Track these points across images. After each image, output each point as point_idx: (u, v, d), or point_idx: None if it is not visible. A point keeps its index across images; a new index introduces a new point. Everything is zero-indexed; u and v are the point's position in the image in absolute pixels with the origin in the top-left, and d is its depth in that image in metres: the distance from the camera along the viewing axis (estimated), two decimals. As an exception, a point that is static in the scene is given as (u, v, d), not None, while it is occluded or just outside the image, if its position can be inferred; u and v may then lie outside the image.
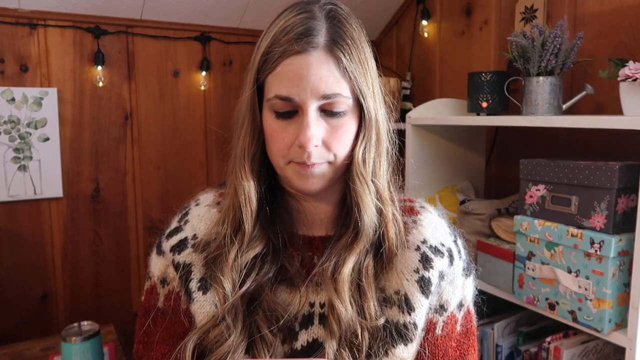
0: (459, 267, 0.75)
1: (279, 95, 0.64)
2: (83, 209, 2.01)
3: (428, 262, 0.71)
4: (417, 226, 0.74)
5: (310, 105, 0.63)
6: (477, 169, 1.84)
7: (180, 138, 2.18)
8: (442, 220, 0.78)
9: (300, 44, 0.63)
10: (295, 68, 0.63)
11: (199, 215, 0.75)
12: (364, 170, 0.68)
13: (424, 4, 2.12)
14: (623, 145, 1.38)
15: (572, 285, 1.16)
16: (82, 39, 1.95)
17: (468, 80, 1.58)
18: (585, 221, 1.16)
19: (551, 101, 1.33)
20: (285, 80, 0.64)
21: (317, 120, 0.64)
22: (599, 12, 1.48)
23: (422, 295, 0.69)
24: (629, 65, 1.13)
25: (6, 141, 1.83)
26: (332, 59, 0.64)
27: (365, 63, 0.67)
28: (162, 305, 0.73)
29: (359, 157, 0.68)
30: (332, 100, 0.64)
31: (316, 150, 0.65)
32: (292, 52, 0.63)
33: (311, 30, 0.64)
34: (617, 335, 1.11)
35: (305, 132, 0.63)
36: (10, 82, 1.83)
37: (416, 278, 0.70)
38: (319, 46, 0.64)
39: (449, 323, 0.73)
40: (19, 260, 1.91)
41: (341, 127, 0.66)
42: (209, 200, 0.77)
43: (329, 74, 0.63)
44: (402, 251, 0.71)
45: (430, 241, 0.73)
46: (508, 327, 1.45)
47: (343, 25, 0.66)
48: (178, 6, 1.98)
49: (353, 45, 0.65)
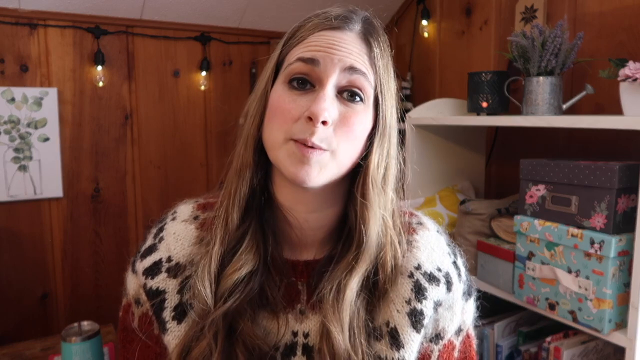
0: (459, 291, 0.69)
1: (303, 57, 0.60)
2: (83, 209, 2.01)
3: (421, 292, 0.65)
4: (412, 248, 0.68)
5: (332, 75, 0.60)
6: (477, 169, 1.84)
7: (180, 138, 2.18)
8: (440, 238, 0.73)
9: (338, 21, 0.62)
10: (327, 38, 0.61)
11: (174, 233, 0.69)
12: (382, 180, 0.64)
13: (424, 4, 2.12)
14: (623, 145, 1.38)
15: (572, 285, 1.16)
16: (82, 39, 1.95)
17: (468, 80, 1.58)
18: (586, 221, 1.16)
19: (551, 101, 1.33)
20: (314, 46, 0.61)
21: (332, 99, 0.60)
22: (599, 12, 1.48)
23: (413, 330, 0.64)
24: (629, 65, 1.13)
25: (6, 141, 1.83)
26: (365, 44, 0.63)
27: (390, 67, 0.66)
28: (137, 326, 0.69)
29: (375, 164, 0.63)
30: (357, 77, 0.60)
31: (323, 130, 0.59)
32: (326, 26, 0.62)
33: (349, 16, 0.64)
34: (617, 335, 1.11)
35: (319, 102, 0.58)
36: (10, 82, 1.83)
37: (407, 310, 0.64)
38: (354, 30, 0.63)
39: (445, 351, 0.68)
40: (19, 260, 1.91)
41: (355, 115, 0.61)
42: (187, 215, 0.71)
43: (358, 54, 0.61)
44: (395, 277, 0.66)
45: (425, 266, 0.67)
46: (508, 327, 1.45)
47: (377, 29, 0.66)
48: (178, 6, 1.99)
49: (384, 46, 0.65)
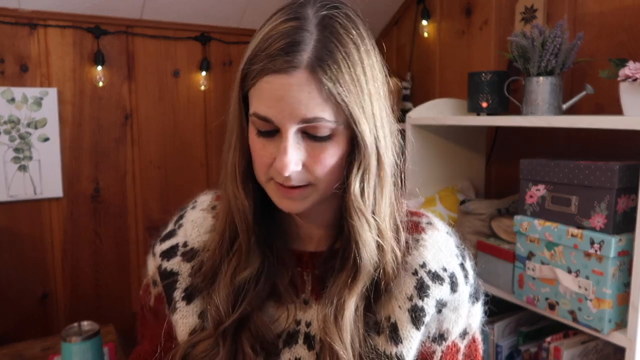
0: (465, 293, 0.68)
1: (258, 115, 0.59)
2: (83, 209, 2.01)
3: (424, 289, 0.65)
4: (419, 246, 0.68)
5: (289, 128, 0.58)
6: (477, 169, 1.84)
7: (180, 138, 2.18)
8: (449, 239, 0.71)
9: (280, 61, 0.56)
10: (273, 88, 0.57)
11: (192, 221, 0.73)
12: (362, 204, 0.61)
13: (424, 4, 2.12)
14: (623, 145, 1.38)
15: (572, 285, 1.16)
16: (82, 39, 1.95)
17: (468, 80, 1.58)
18: (585, 221, 1.16)
19: (551, 101, 1.33)
20: (264, 99, 0.58)
21: (296, 144, 0.59)
22: (599, 12, 1.48)
23: (413, 326, 0.64)
24: (629, 65, 1.13)
25: (6, 141, 1.83)
26: (315, 81, 0.56)
27: (360, 82, 0.58)
28: (152, 305, 0.74)
29: (355, 190, 0.61)
30: (313, 124, 0.57)
31: (296, 174, 0.59)
32: (270, 70, 0.57)
33: (294, 46, 0.56)
34: (617, 335, 1.11)
35: (281, 158, 0.58)
36: (10, 82, 1.83)
37: (409, 306, 0.64)
38: (300, 65, 0.56)
39: (449, 353, 0.68)
40: (19, 260, 1.91)
41: (324, 150, 0.59)
42: (206, 204, 0.75)
43: (309, 98, 0.56)
44: (399, 274, 0.66)
45: (430, 265, 0.66)
46: (508, 327, 1.45)
47: (336, 36, 0.58)
48: (178, 6, 1.98)
49: (344, 62, 0.57)
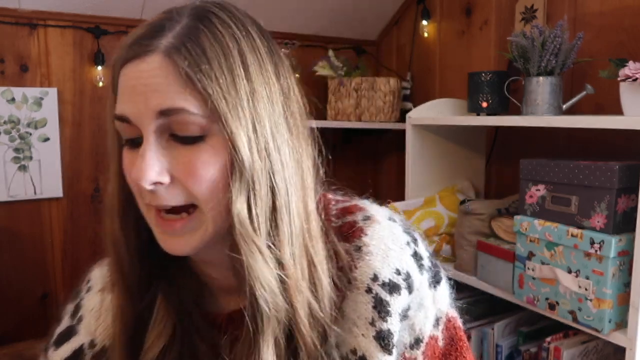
0: (424, 284, 0.60)
1: (116, 115, 0.50)
2: (83, 209, 2.01)
3: (384, 308, 0.56)
4: (363, 255, 0.57)
5: (147, 125, 0.47)
6: (477, 169, 1.84)
7: (180, 138, 2.18)
8: (394, 227, 0.60)
9: (135, 47, 0.48)
10: (127, 78, 0.49)
11: (92, 309, 0.59)
12: (250, 229, 0.48)
13: (424, 4, 2.12)
14: (623, 145, 1.38)
15: (572, 285, 1.16)
16: (82, 39, 1.95)
17: (468, 80, 1.58)
18: (585, 221, 1.16)
19: (551, 101, 1.33)
20: (121, 95, 0.49)
21: (161, 148, 0.48)
22: (599, 12, 1.48)
23: (384, 353, 0.56)
24: (629, 65, 1.13)
25: (6, 141, 1.83)
26: (171, 65, 0.47)
27: (234, 77, 0.48)
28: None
29: (241, 211, 0.48)
30: (174, 118, 0.47)
31: (164, 189, 0.48)
32: (126, 59, 0.49)
33: (154, 32, 0.49)
34: (617, 335, 1.11)
35: (138, 164, 0.47)
36: (10, 82, 1.83)
37: (373, 333, 0.55)
38: (157, 49, 0.47)
39: (429, 349, 0.62)
40: (19, 260, 1.91)
41: (197, 157, 0.47)
42: (102, 282, 0.61)
43: (165, 84, 0.47)
44: (351, 294, 0.56)
45: (383, 274, 0.56)
46: (508, 327, 1.45)
47: (208, 26, 0.49)
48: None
49: (213, 50, 0.47)
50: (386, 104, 1.98)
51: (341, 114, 2.04)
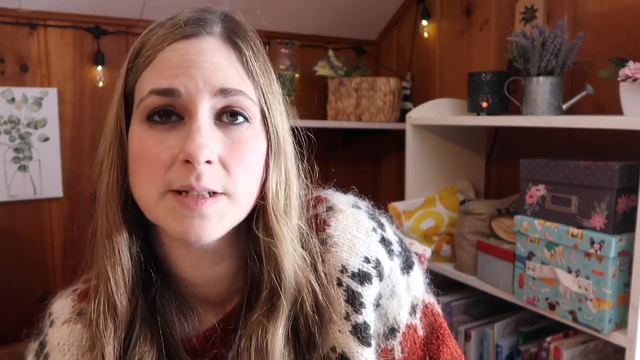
0: (395, 269, 0.59)
1: (157, 89, 0.47)
2: (83, 209, 2.01)
3: (357, 299, 0.55)
4: (330, 247, 0.56)
5: (201, 101, 0.47)
6: (477, 169, 1.84)
7: (180, 138, 2.18)
8: (359, 215, 0.59)
9: (192, 26, 0.49)
10: (182, 53, 0.47)
11: (58, 344, 0.54)
12: (281, 207, 0.52)
13: (424, 4, 2.12)
14: (623, 145, 1.38)
15: (572, 285, 1.16)
16: (82, 39, 1.95)
17: (468, 80, 1.58)
18: (586, 221, 1.16)
19: (551, 101, 1.33)
20: (167, 69, 0.47)
21: (211, 129, 0.47)
22: (599, 12, 1.48)
23: (363, 346, 0.55)
24: (629, 65, 1.13)
25: (6, 141, 1.83)
26: (233, 49, 0.49)
27: (269, 68, 0.53)
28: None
29: (274, 191, 0.51)
30: (234, 98, 0.48)
31: (210, 170, 0.46)
32: (178, 36, 0.48)
33: (204, 18, 0.50)
34: (617, 335, 1.11)
35: (194, 138, 0.45)
36: (10, 82, 1.83)
37: (349, 328, 0.54)
38: (214, 33, 0.49)
39: (409, 338, 0.60)
40: (19, 260, 1.91)
41: (245, 142, 0.49)
42: (67, 313, 0.57)
43: (227, 66, 0.48)
44: (322, 316, 0.55)
45: (351, 265, 0.55)
46: (508, 327, 1.45)
47: (240, 24, 0.53)
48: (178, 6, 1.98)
49: (255, 43, 0.52)
50: (386, 104, 1.98)
51: (341, 114, 2.04)
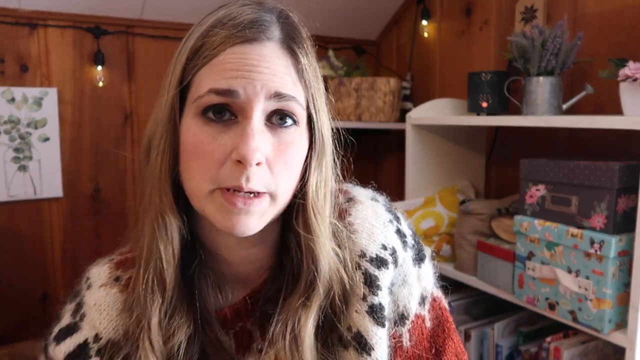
0: (408, 261, 0.63)
1: (216, 89, 0.50)
2: (83, 209, 2.01)
3: (374, 282, 0.58)
4: (351, 234, 0.60)
5: (257, 104, 0.50)
6: (477, 169, 1.84)
7: (180, 138, 2.18)
8: (377, 206, 0.64)
9: (253, 30, 0.51)
10: (244, 57, 0.50)
11: (95, 305, 0.58)
12: (322, 207, 0.55)
13: (424, 4, 2.12)
14: (623, 145, 1.38)
15: (572, 285, 1.16)
16: (82, 39, 1.95)
17: (468, 80, 1.58)
18: (586, 221, 1.16)
19: (551, 101, 1.33)
20: (228, 71, 0.50)
21: (262, 132, 0.51)
22: (599, 12, 1.48)
23: (378, 326, 0.58)
24: (629, 65, 1.13)
25: (6, 141, 1.83)
26: (290, 56, 0.52)
27: (318, 75, 0.56)
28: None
29: (314, 190, 0.55)
30: (286, 103, 0.51)
31: (258, 172, 0.50)
32: (239, 40, 0.50)
33: (264, 21, 0.52)
34: (617, 335, 1.11)
35: (247, 141, 0.48)
36: (10, 82, 1.83)
37: (366, 308, 0.58)
38: (274, 38, 0.52)
39: (417, 327, 0.63)
40: (19, 260, 1.91)
41: (290, 145, 0.52)
42: (104, 278, 0.61)
43: (285, 73, 0.51)
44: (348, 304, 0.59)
45: (370, 251, 0.60)
46: (508, 327, 1.45)
47: (297, 27, 0.56)
48: (178, 6, 1.98)
49: (309, 48, 0.55)
50: (386, 104, 1.98)
51: (341, 114, 2.04)
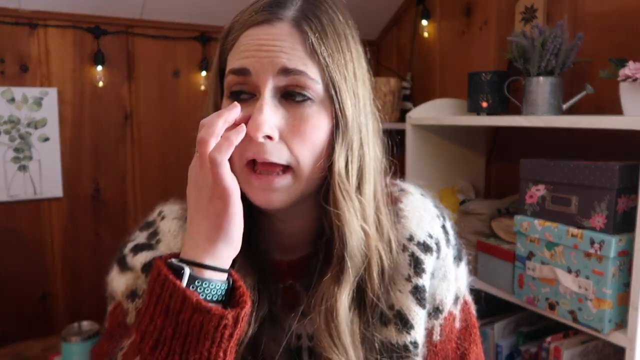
0: (449, 256, 0.66)
1: (233, 69, 0.54)
2: (83, 209, 2.01)
3: (419, 265, 0.62)
4: (400, 219, 0.64)
5: (267, 80, 0.53)
6: (477, 169, 1.84)
7: (180, 138, 2.18)
8: (426, 201, 0.68)
9: (264, 13, 0.54)
10: (254, 38, 0.54)
11: (169, 231, 0.64)
12: (348, 184, 0.56)
13: (424, 4, 2.12)
14: (623, 145, 1.38)
15: (572, 285, 1.16)
16: (82, 39, 1.95)
17: (468, 80, 1.58)
18: (586, 221, 1.16)
19: (551, 101, 1.33)
20: (242, 52, 0.54)
21: (274, 107, 0.53)
22: (599, 12, 1.48)
23: (419, 306, 0.61)
24: (629, 65, 1.13)
25: (6, 141, 1.83)
26: (299, 33, 0.54)
27: (344, 55, 0.56)
28: (131, 322, 0.60)
29: (341, 167, 0.55)
30: (294, 77, 0.53)
31: (271, 145, 0.53)
32: (253, 23, 0.54)
33: (280, 3, 0.55)
34: (617, 335, 1.11)
35: (255, 116, 0.52)
36: (10, 82, 1.83)
37: (410, 288, 0.61)
38: (285, 18, 0.54)
39: (448, 324, 0.65)
40: (19, 260, 1.91)
41: (306, 120, 0.54)
42: (176, 213, 0.66)
43: (292, 49, 0.53)
44: (386, 285, 0.61)
45: (418, 236, 0.63)
46: (508, 327, 1.45)
47: (322, 6, 0.57)
48: (178, 6, 1.98)
49: (329, 26, 0.56)
50: (386, 104, 1.98)
51: (341, 114, 2.03)
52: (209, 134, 0.50)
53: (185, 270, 0.50)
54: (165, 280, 0.49)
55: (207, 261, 0.51)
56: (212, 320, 0.48)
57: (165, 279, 0.49)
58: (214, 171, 0.50)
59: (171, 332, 0.48)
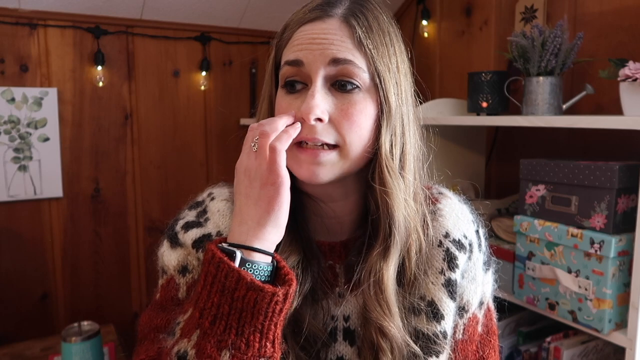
0: (479, 261, 0.69)
1: (288, 60, 0.61)
2: (83, 209, 2.01)
3: (453, 260, 0.66)
4: (437, 217, 0.68)
5: (318, 70, 0.59)
6: (477, 169, 1.84)
7: (180, 138, 2.18)
8: (463, 206, 0.73)
9: (316, 11, 0.62)
10: (307, 33, 0.61)
11: (218, 211, 0.69)
12: (393, 163, 0.62)
13: (424, 4, 2.12)
14: (623, 145, 1.38)
15: (572, 285, 1.16)
16: (82, 39, 1.95)
17: (468, 80, 1.58)
18: (585, 221, 1.16)
19: (551, 101, 1.33)
20: (295, 46, 0.61)
21: (324, 94, 0.60)
22: (599, 12, 1.48)
23: (451, 299, 0.65)
24: (629, 65, 1.13)
25: (6, 141, 1.83)
26: (347, 27, 0.60)
27: (387, 49, 0.62)
28: (184, 296, 0.66)
29: (387, 149, 0.61)
30: (343, 66, 0.59)
31: (321, 126, 0.59)
32: (306, 20, 0.62)
33: (331, 2, 0.63)
34: (617, 335, 1.11)
35: (308, 101, 0.58)
36: (10, 82, 1.83)
37: (442, 281, 0.65)
38: (335, 15, 0.61)
39: (471, 325, 0.68)
40: (19, 260, 1.91)
41: (353, 105, 0.60)
42: (225, 195, 0.72)
43: (341, 41, 0.59)
44: (426, 247, 0.66)
45: (453, 234, 0.67)
46: (508, 327, 1.45)
47: (367, 6, 0.64)
48: (178, 6, 1.99)
49: (374, 23, 0.62)
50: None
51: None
52: (271, 128, 0.57)
53: (237, 254, 0.55)
54: (220, 262, 0.54)
55: (255, 244, 0.57)
56: (265, 297, 0.53)
57: (220, 260, 0.54)
58: (272, 158, 0.56)
59: (227, 309, 0.53)
